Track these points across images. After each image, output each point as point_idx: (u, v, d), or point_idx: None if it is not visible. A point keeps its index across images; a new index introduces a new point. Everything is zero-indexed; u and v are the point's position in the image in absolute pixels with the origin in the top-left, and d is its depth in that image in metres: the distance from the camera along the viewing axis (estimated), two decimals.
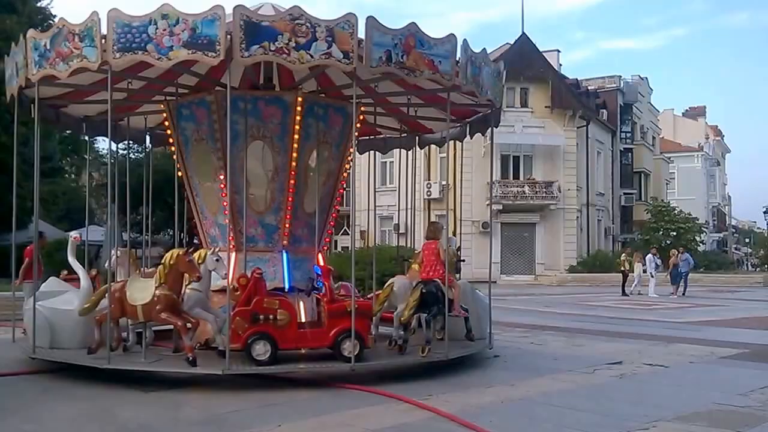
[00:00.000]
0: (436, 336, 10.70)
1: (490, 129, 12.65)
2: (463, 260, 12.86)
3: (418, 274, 10.99)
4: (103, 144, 36.83)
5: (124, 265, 11.71)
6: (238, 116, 10.58)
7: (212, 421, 7.46)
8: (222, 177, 10.89)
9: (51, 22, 21.27)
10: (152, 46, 8.64)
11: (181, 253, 9.60)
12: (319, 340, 9.77)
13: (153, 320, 9.74)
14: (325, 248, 12.29)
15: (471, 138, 13.65)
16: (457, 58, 9.81)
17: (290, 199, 11.36)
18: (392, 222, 41.48)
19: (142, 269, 12.18)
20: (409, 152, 15.06)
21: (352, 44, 8.83)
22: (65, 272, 12.13)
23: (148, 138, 14.43)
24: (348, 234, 43.33)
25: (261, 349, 9.30)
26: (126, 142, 15.08)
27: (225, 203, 11.05)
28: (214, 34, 8.56)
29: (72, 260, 10.80)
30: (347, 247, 41.46)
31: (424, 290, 10.27)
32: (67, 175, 41.87)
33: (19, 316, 11.64)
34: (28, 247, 13.33)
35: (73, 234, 11.16)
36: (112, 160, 12.21)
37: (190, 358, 9.13)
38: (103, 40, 8.68)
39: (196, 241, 13.18)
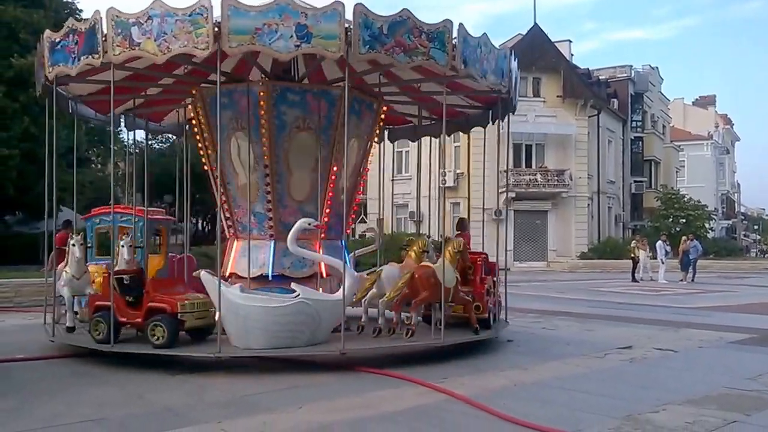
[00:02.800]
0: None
1: (503, 117, 12.90)
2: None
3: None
4: (129, 135, 36.97)
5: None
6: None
7: (236, 402, 7.66)
8: (370, 168, 11.93)
9: (77, 16, 21.05)
10: (478, 66, 10.05)
11: (465, 242, 11.03)
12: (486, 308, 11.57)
13: (454, 301, 10.79)
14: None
15: (493, 124, 13.78)
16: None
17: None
18: (407, 210, 41.70)
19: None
20: (423, 142, 15.23)
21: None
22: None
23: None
24: (366, 222, 43.46)
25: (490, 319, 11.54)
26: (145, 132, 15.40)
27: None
28: (506, 68, 10.87)
29: (294, 247, 10.40)
30: (364, 234, 41.79)
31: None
32: (93, 165, 42.12)
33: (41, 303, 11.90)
34: (58, 234, 13.57)
35: (313, 222, 10.58)
36: (138, 151, 12.38)
37: (477, 328, 10.85)
38: (453, 49, 9.53)
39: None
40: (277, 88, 11.22)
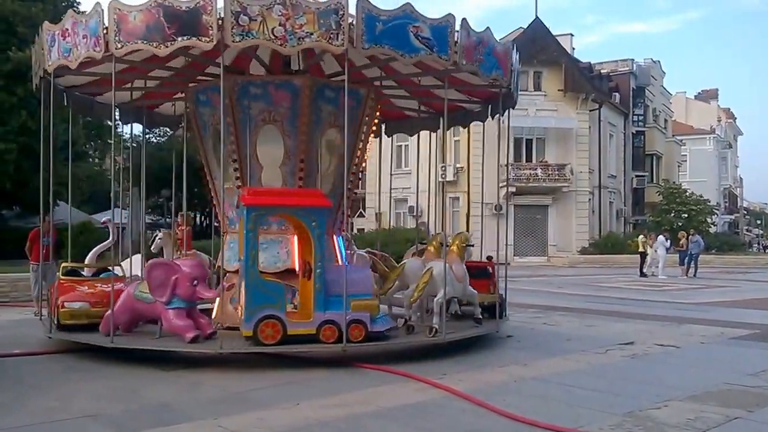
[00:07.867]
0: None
1: (504, 111, 12.78)
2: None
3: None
4: (126, 129, 36.90)
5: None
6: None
7: (231, 399, 7.61)
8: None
9: (74, 9, 20.75)
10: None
11: None
12: None
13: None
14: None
15: (492, 119, 13.60)
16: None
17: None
18: (407, 204, 41.70)
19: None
20: (422, 136, 15.17)
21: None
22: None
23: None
24: (364, 216, 43.50)
25: None
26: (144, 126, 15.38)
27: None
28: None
29: None
30: (363, 229, 41.97)
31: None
32: (91, 160, 41.99)
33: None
34: (34, 231, 13.74)
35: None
36: (135, 145, 12.34)
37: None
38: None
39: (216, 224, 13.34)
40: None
